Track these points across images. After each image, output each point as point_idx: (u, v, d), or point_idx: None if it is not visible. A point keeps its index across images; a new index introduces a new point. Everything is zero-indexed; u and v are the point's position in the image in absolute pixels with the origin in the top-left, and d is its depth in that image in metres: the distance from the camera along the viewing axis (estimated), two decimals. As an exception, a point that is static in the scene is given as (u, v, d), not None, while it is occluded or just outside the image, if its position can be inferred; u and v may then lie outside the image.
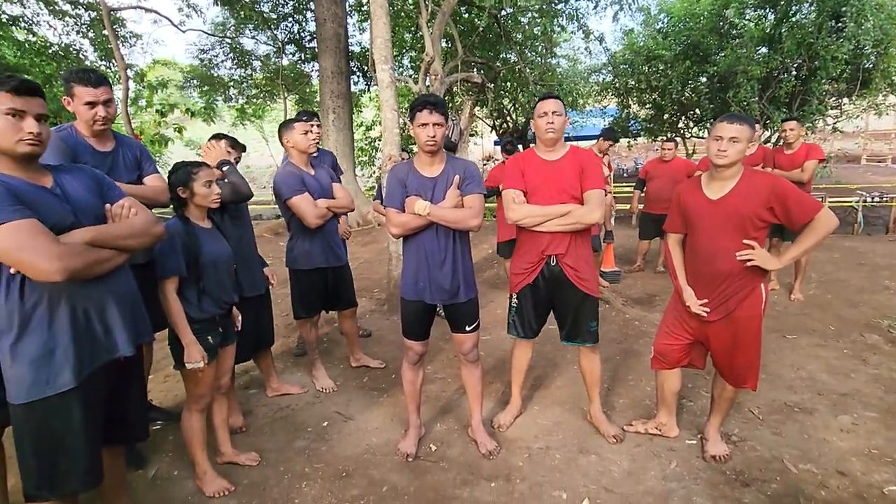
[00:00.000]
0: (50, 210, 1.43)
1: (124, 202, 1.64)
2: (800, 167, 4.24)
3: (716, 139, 2.03)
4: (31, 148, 1.42)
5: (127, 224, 1.59)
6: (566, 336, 2.48)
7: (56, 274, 1.32)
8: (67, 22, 10.05)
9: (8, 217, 1.30)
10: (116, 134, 2.33)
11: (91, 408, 1.53)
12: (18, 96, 1.39)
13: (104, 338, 1.54)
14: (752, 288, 2.08)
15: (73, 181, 1.57)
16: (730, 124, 2.00)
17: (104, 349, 1.54)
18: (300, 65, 13.17)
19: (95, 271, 1.47)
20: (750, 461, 2.31)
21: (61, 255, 1.33)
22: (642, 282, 5.48)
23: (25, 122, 1.41)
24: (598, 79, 12.30)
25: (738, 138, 1.98)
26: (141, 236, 1.61)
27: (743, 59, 8.08)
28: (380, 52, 4.23)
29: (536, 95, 9.76)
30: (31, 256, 1.30)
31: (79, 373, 1.46)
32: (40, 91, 1.47)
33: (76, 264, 1.37)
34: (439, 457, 2.43)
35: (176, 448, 2.51)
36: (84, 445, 1.51)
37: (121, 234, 1.55)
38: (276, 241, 8.26)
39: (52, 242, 1.35)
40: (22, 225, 1.31)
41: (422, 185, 2.20)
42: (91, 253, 1.44)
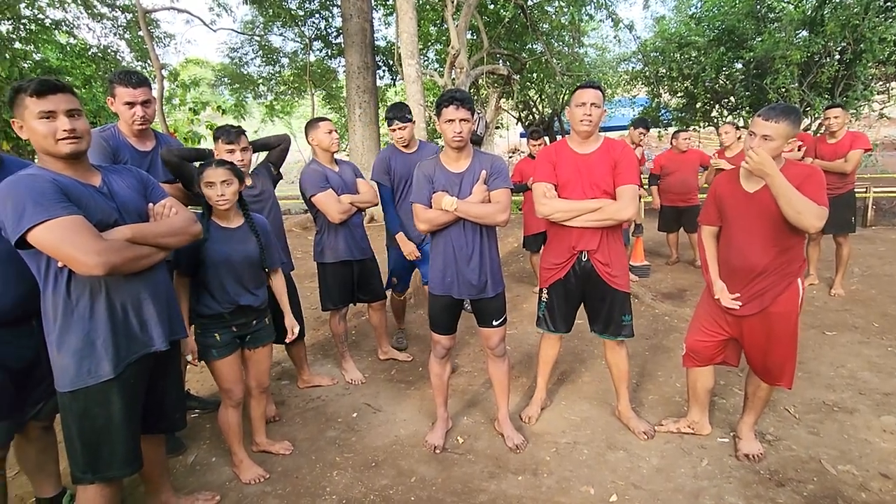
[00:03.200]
0: (96, 207, 1.50)
1: (166, 202, 1.71)
2: (843, 157, 4.05)
3: (750, 135, 1.96)
4: (71, 146, 1.48)
5: (166, 223, 1.65)
6: (599, 329, 2.46)
7: (97, 268, 1.39)
8: (105, 24, 10.42)
9: (57, 213, 1.37)
10: (157, 133, 2.43)
11: (129, 398, 1.60)
12: (41, 97, 1.44)
13: (140, 332, 1.61)
14: (789, 283, 2.02)
15: (120, 181, 1.65)
16: (764, 120, 1.91)
17: (140, 343, 1.61)
18: (327, 61, 13.31)
19: (134, 267, 1.53)
20: (785, 461, 2.26)
21: (102, 251, 1.39)
22: (672, 276, 5.36)
23: (58, 121, 1.46)
24: (628, 67, 12.00)
25: (771, 136, 1.90)
26: (179, 235, 1.67)
27: (782, 44, 7.73)
28: (406, 47, 4.24)
29: (563, 86, 9.62)
30: (75, 251, 1.37)
31: (117, 364, 1.53)
32: (63, 87, 1.49)
33: (116, 260, 1.43)
34: (466, 449, 2.45)
35: (213, 436, 2.62)
36: (123, 433, 1.59)
37: (160, 232, 1.61)
38: (304, 236, 8.43)
39: (95, 239, 1.41)
40: (68, 221, 1.38)
41: (449, 181, 2.21)
42: (131, 250, 1.50)
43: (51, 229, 1.36)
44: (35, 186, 1.39)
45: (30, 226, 1.34)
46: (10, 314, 1.65)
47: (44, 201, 1.37)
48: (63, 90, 1.48)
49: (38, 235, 1.36)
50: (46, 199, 1.37)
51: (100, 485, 1.60)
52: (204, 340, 2.10)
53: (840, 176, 4.10)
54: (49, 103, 1.44)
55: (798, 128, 1.95)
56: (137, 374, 1.62)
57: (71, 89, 1.52)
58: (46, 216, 1.35)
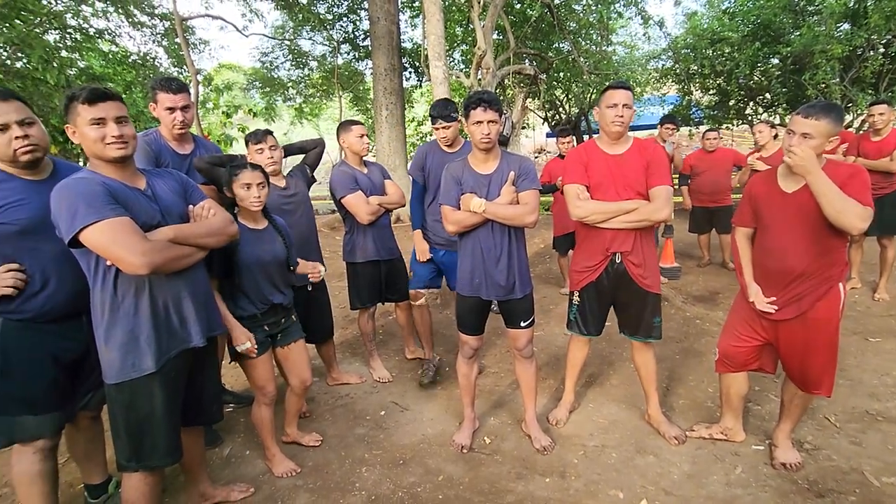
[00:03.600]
0: (141, 209, 1.59)
1: (205, 203, 1.80)
2: (889, 155, 3.88)
3: (789, 133, 1.90)
4: (119, 151, 1.57)
5: (206, 224, 1.74)
6: (629, 331, 2.43)
7: (142, 268, 1.47)
8: (145, 32, 10.84)
9: (106, 215, 1.46)
10: (196, 137, 2.53)
11: (170, 391, 1.68)
12: (93, 105, 1.53)
13: (180, 328, 1.68)
14: (829, 287, 1.95)
15: (163, 184, 1.75)
16: (804, 118, 1.85)
17: (180, 339, 1.68)
18: (354, 63, 13.50)
19: (175, 266, 1.62)
20: (825, 471, 2.18)
21: (147, 252, 1.48)
22: (704, 278, 5.23)
23: (107, 127, 1.55)
24: (657, 65, 11.75)
25: (811, 134, 1.83)
26: (217, 235, 1.76)
27: (822, 38, 7.44)
28: (433, 49, 4.28)
29: (591, 85, 9.50)
30: (122, 251, 1.45)
31: (158, 359, 1.61)
32: (113, 95, 1.58)
33: (159, 260, 1.52)
34: (493, 450, 2.46)
35: (247, 430, 2.70)
36: (165, 425, 1.67)
37: (200, 232, 1.70)
38: (332, 236, 8.57)
39: (141, 239, 1.50)
40: (117, 223, 1.47)
41: (477, 183, 2.23)
42: (172, 249, 1.59)
43: (101, 230, 1.45)
44: (87, 190, 1.49)
45: (82, 226, 1.44)
46: (63, 310, 1.75)
47: (95, 203, 1.46)
48: (112, 98, 1.57)
49: (89, 235, 1.45)
50: (98, 201, 1.47)
51: (143, 472, 1.69)
52: None
53: (885, 175, 3.93)
54: (99, 111, 1.53)
55: (840, 126, 1.88)
56: (177, 368, 1.70)
57: (120, 97, 1.61)
58: (97, 217, 1.44)
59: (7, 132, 1.63)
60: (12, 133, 1.63)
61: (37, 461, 1.76)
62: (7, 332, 1.69)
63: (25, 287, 1.67)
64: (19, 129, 1.64)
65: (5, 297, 1.65)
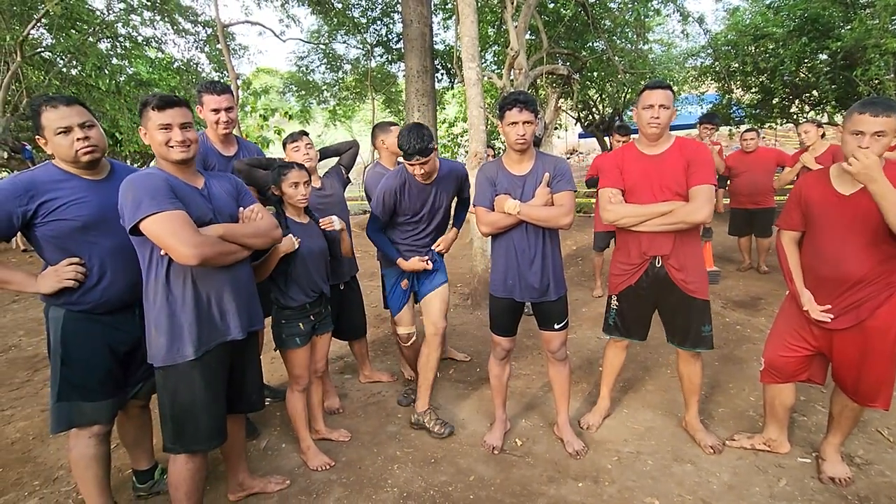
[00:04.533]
0: (196, 206, 1.71)
1: (254, 207, 1.92)
2: None
3: (855, 134, 1.76)
4: (181, 154, 1.71)
5: (253, 226, 1.85)
6: (677, 341, 2.34)
7: (193, 258, 1.57)
8: (188, 39, 11.32)
9: (165, 207, 1.58)
10: (239, 139, 2.62)
11: (211, 379, 1.76)
12: (161, 111, 1.67)
13: (220, 321, 1.76)
14: (890, 294, 1.84)
15: (218, 185, 1.88)
16: (874, 117, 1.70)
17: (220, 331, 1.76)
18: (387, 66, 13.67)
19: (222, 261, 1.71)
20: (877, 487, 2.07)
21: (198, 244, 1.58)
22: (744, 283, 5.05)
23: (173, 132, 1.69)
24: (696, 63, 11.40)
25: (885, 132, 1.71)
26: (263, 237, 1.88)
27: (875, 31, 7.04)
28: (467, 51, 4.28)
29: (626, 84, 9.29)
30: (176, 241, 1.56)
31: (197, 348, 1.70)
32: (180, 102, 1.72)
33: (209, 253, 1.62)
34: (525, 452, 2.45)
35: (283, 424, 2.78)
36: (206, 411, 1.76)
37: (247, 233, 1.81)
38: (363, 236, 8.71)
39: (194, 233, 1.61)
40: (174, 215, 1.58)
41: (511, 184, 2.22)
42: (221, 245, 1.69)
43: (160, 220, 1.56)
44: (152, 184, 1.62)
45: (144, 215, 1.55)
46: (119, 301, 1.86)
47: (158, 196, 1.58)
48: (179, 105, 1.71)
49: (149, 225, 1.56)
50: (160, 195, 1.59)
51: (186, 455, 1.78)
52: (290, 330, 2.29)
53: None
54: (167, 116, 1.68)
55: None
56: (218, 359, 1.78)
57: (186, 104, 1.75)
58: (158, 209, 1.56)
59: (70, 134, 1.74)
60: (74, 135, 1.74)
61: (92, 445, 1.87)
62: (68, 323, 1.80)
63: (85, 279, 1.78)
64: (81, 132, 1.75)
65: (67, 288, 1.76)
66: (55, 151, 1.77)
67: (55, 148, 1.76)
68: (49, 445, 2.68)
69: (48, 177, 1.76)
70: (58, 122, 1.73)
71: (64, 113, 1.74)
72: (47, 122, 1.74)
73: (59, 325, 1.81)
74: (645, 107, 2.15)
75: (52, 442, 2.69)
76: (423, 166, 2.35)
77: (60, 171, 1.79)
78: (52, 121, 1.73)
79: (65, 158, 1.77)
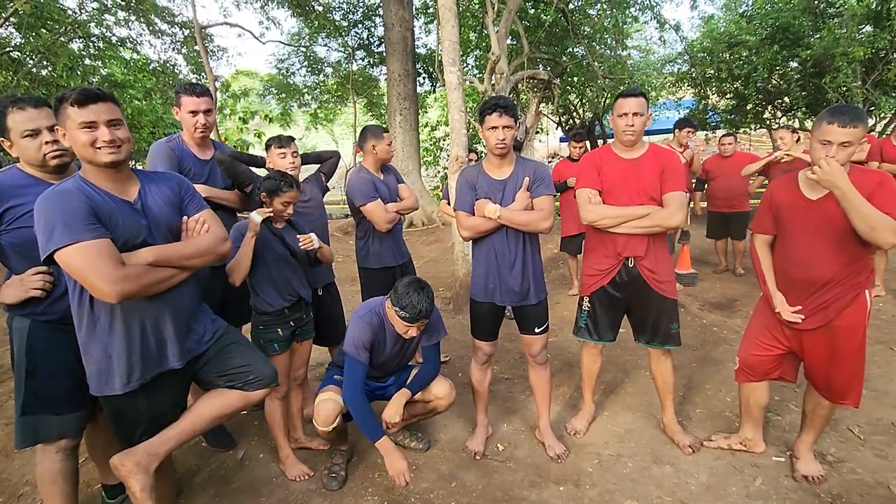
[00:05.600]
0: (126, 225, 1.51)
1: (200, 216, 1.70)
2: None
3: (823, 143, 1.81)
4: (110, 156, 1.47)
5: (193, 244, 1.63)
6: (646, 339, 2.39)
7: (111, 297, 1.39)
8: (165, 40, 11.12)
9: (81, 237, 1.38)
10: (216, 143, 2.57)
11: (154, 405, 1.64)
12: (83, 107, 1.42)
13: (156, 351, 1.60)
14: (855, 295, 1.90)
15: (157, 193, 1.64)
16: (841, 127, 1.75)
17: (155, 362, 1.60)
18: (369, 69, 13.64)
19: (153, 290, 1.52)
20: (849, 484, 2.12)
21: (119, 280, 1.39)
22: (721, 285, 5.15)
23: (99, 131, 1.44)
24: (673, 69, 11.65)
25: (851, 142, 1.77)
26: (205, 255, 1.65)
27: (843, 40, 7.30)
28: (448, 55, 4.29)
29: (605, 89, 9.46)
30: (93, 277, 1.37)
31: (127, 383, 1.54)
32: (105, 96, 1.47)
33: (131, 288, 1.42)
34: (507, 457, 2.44)
35: (261, 433, 2.72)
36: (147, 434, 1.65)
37: (185, 253, 1.60)
38: (345, 240, 8.64)
39: (115, 266, 1.40)
40: (91, 246, 1.38)
41: (491, 188, 2.23)
42: (151, 274, 1.49)
43: (74, 253, 1.37)
44: (67, 207, 1.40)
45: (56, 247, 1.37)
46: None
47: (72, 223, 1.38)
48: (104, 99, 1.46)
49: (63, 258, 1.39)
50: (75, 221, 1.39)
51: None
52: (268, 336, 2.25)
53: None
54: (90, 113, 1.43)
55: (867, 127, 1.84)
56: (157, 390, 1.63)
57: (113, 98, 1.50)
58: (72, 239, 1.37)
59: (38, 137, 1.68)
60: (42, 138, 1.68)
61: (59, 460, 1.79)
62: (34, 334, 1.73)
63: (53, 289, 1.72)
64: (49, 135, 1.68)
65: (34, 298, 1.69)
66: (21, 155, 1.71)
67: (21, 151, 1.69)
68: (14, 461, 2.57)
69: (13, 182, 1.69)
70: (25, 125, 1.66)
71: (32, 115, 1.67)
72: (13, 125, 1.67)
73: (23, 335, 1.73)
74: (620, 114, 2.21)
75: (16, 457, 2.58)
76: (419, 327, 2.18)
77: (26, 175, 1.72)
78: (18, 123, 1.67)
79: (31, 162, 1.71)
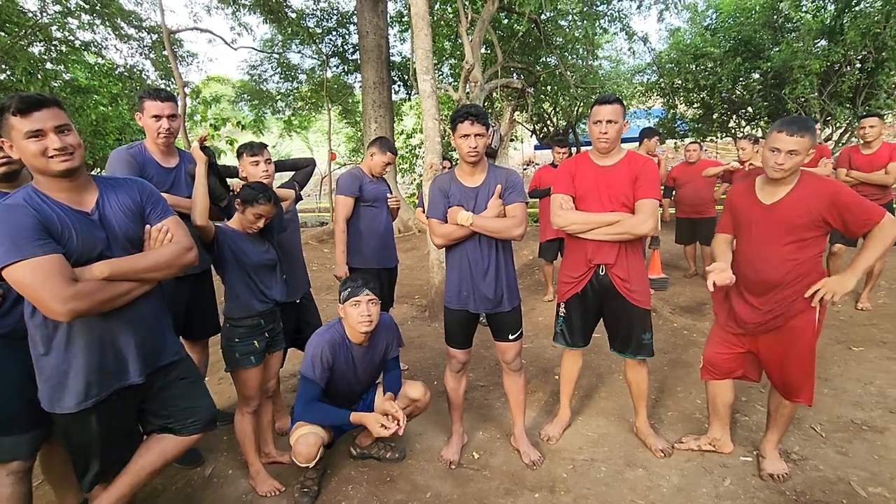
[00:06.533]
0: (81, 237, 1.45)
1: (163, 225, 1.63)
2: (881, 168, 3.95)
3: (772, 151, 1.91)
4: (63, 164, 1.41)
5: (152, 256, 1.57)
6: (618, 347, 2.42)
7: (62, 316, 1.34)
8: (132, 45, 10.80)
9: (30, 253, 1.32)
10: (180, 151, 2.50)
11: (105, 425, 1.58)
12: (26, 116, 1.36)
13: (116, 366, 1.56)
14: (807, 297, 1.98)
15: (116, 202, 1.57)
16: (789, 136, 1.86)
17: (115, 377, 1.56)
18: (343, 76, 13.55)
19: (109, 307, 1.46)
20: (812, 481, 2.18)
21: (69, 298, 1.34)
22: (691, 289, 5.28)
23: (47, 139, 1.38)
24: (643, 79, 11.97)
25: (798, 150, 1.86)
26: (166, 268, 1.59)
27: (800, 54, 7.65)
28: (422, 64, 4.31)
29: (578, 98, 9.63)
30: (43, 296, 1.32)
31: (81, 401, 1.50)
32: (48, 101, 1.40)
33: (83, 306, 1.37)
34: (482, 465, 2.43)
35: (230, 448, 2.64)
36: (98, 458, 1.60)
37: (143, 267, 1.54)
38: (319, 248, 8.52)
39: (66, 284, 1.34)
40: (40, 263, 1.33)
41: (464, 196, 2.23)
42: (105, 290, 1.44)
43: (22, 270, 1.32)
44: (16, 222, 1.35)
45: (2, 265, 1.32)
46: None
47: (21, 239, 1.33)
48: (48, 104, 1.39)
49: (11, 275, 1.33)
50: (24, 236, 1.33)
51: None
52: (245, 349, 2.19)
53: (879, 188, 4.00)
54: (35, 122, 1.36)
55: (815, 138, 1.92)
56: (113, 407, 1.59)
57: (57, 102, 1.43)
58: (20, 256, 1.32)
59: None
60: None
61: (10, 483, 1.69)
62: None
63: (3, 302, 1.63)
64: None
65: None
66: None
67: None
68: (-37, 485, 2.42)
69: None
70: None
71: None
72: None
73: None
74: (594, 121, 2.23)
75: (-34, 481, 2.43)
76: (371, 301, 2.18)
77: None
78: None
79: None
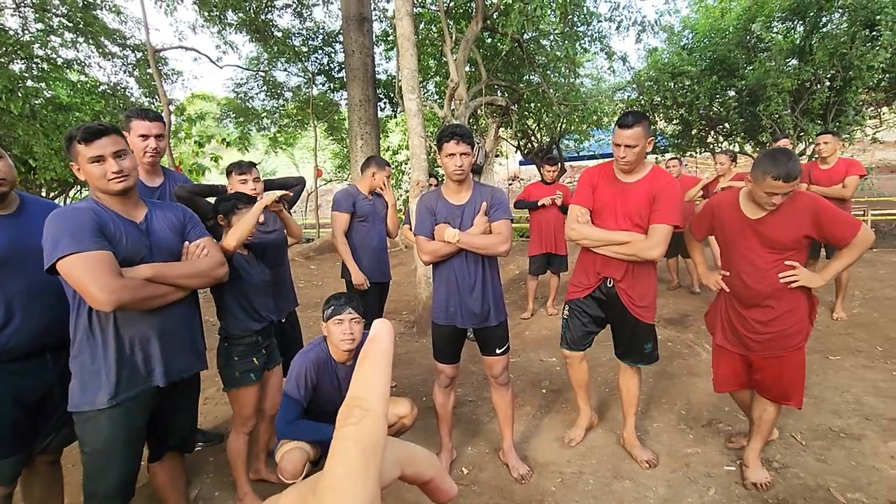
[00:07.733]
0: (130, 242, 1.61)
1: (201, 242, 1.82)
2: (839, 183, 4.12)
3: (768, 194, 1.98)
4: (119, 185, 1.60)
5: (190, 264, 1.74)
6: (621, 353, 2.48)
7: (106, 305, 1.46)
8: (115, 63, 10.75)
9: (85, 247, 1.47)
10: (165, 169, 2.51)
11: (125, 428, 1.64)
12: (89, 144, 1.56)
13: (143, 368, 1.65)
14: (795, 307, 2.09)
15: (162, 219, 1.76)
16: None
17: (142, 378, 1.65)
18: (329, 94, 13.63)
19: (147, 305, 1.60)
20: (793, 489, 2.23)
21: (115, 290, 1.47)
22: (674, 301, 5.37)
23: (107, 163, 1.58)
24: (623, 96, 12.27)
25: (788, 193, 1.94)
26: (201, 277, 1.76)
27: (772, 72, 7.95)
28: (407, 83, 4.38)
29: (561, 114, 9.83)
30: (90, 285, 1.45)
31: (112, 397, 1.58)
32: (108, 130, 1.59)
33: (127, 299, 1.50)
34: (471, 480, 2.43)
35: (217, 470, 2.60)
36: (116, 462, 1.63)
37: (181, 273, 1.69)
38: (306, 265, 8.48)
39: (113, 276, 1.48)
40: (93, 256, 1.48)
41: (450, 213, 2.27)
42: (147, 289, 1.58)
43: (76, 262, 1.46)
44: (75, 220, 1.51)
45: (60, 255, 1.45)
46: (28, 347, 1.69)
47: (79, 235, 1.48)
48: (107, 133, 1.59)
49: (64, 266, 1.46)
50: (82, 232, 1.49)
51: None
52: (245, 366, 2.18)
53: (838, 201, 4.16)
54: (97, 148, 1.56)
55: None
56: (138, 406, 1.66)
57: (116, 131, 1.63)
58: (76, 248, 1.46)
59: None
60: None
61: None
62: None
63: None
64: None
65: None
66: None
67: None
68: (-64, 515, 2.34)
69: None
70: None
71: None
72: None
73: None
74: (615, 144, 2.22)
75: (-60, 510, 2.36)
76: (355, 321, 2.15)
77: None
78: None
79: None
